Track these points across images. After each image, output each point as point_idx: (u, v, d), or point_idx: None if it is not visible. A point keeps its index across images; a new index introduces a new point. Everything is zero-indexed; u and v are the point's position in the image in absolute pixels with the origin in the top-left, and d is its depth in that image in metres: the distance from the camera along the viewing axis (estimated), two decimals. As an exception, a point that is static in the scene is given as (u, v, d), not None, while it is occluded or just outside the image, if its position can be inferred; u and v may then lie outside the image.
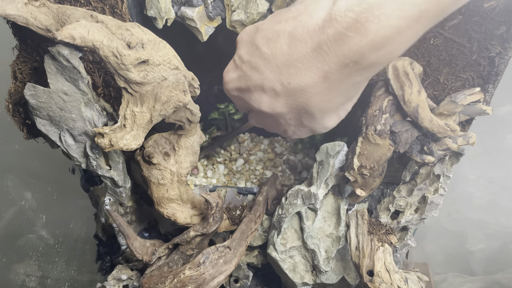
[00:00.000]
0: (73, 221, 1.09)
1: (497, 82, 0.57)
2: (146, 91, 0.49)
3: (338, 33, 0.37)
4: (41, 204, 1.07)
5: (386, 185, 0.70)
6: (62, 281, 1.01)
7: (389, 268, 0.61)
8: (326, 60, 0.39)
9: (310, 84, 0.42)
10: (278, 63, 0.42)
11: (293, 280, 0.71)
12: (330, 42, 0.38)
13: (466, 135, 0.59)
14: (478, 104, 0.57)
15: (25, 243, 1.04)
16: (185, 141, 0.59)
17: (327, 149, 0.64)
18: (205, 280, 0.57)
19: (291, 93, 0.43)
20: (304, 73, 0.41)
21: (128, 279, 0.69)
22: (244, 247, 0.64)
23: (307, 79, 0.41)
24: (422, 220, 0.70)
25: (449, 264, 1.07)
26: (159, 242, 0.64)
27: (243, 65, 0.46)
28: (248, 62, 0.45)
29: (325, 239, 0.69)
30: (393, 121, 0.56)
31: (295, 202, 0.67)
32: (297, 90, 0.43)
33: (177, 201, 0.62)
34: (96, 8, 0.53)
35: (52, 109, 0.53)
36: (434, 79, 0.58)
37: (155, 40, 0.49)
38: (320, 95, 0.43)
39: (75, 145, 0.58)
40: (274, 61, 0.43)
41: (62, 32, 0.44)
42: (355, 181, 0.60)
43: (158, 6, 0.57)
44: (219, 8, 0.59)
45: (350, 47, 0.37)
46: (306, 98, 0.43)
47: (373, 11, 0.36)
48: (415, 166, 0.66)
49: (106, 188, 0.66)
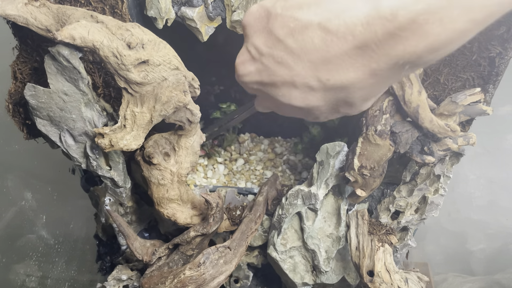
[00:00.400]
0: (73, 221, 1.09)
1: (497, 83, 0.57)
2: (146, 92, 0.49)
3: (389, 33, 0.34)
4: (41, 204, 1.07)
5: (386, 185, 0.70)
6: (62, 281, 1.01)
7: (389, 268, 0.61)
8: (374, 58, 0.36)
9: (353, 81, 0.39)
10: (312, 58, 0.39)
11: (293, 280, 0.71)
12: (379, 41, 0.35)
13: (466, 135, 0.59)
14: (478, 104, 0.57)
15: (25, 243, 1.04)
16: (185, 141, 0.59)
17: (327, 149, 0.64)
18: (205, 280, 0.57)
19: (330, 88, 0.40)
20: (346, 70, 0.38)
21: (128, 279, 0.69)
22: (244, 247, 0.64)
23: (350, 76, 0.38)
24: (422, 220, 0.70)
25: (449, 264, 1.07)
26: (159, 242, 0.64)
27: (263, 58, 0.42)
28: (270, 55, 0.41)
29: (325, 239, 0.69)
30: (393, 122, 0.56)
31: (295, 202, 0.67)
32: (338, 86, 0.40)
33: (177, 201, 0.62)
34: (96, 8, 0.53)
35: (52, 109, 0.53)
36: (434, 80, 0.58)
37: (155, 40, 0.49)
38: (365, 89, 0.40)
39: (75, 146, 0.58)
40: (306, 57, 0.39)
41: (62, 32, 0.44)
42: (355, 181, 0.60)
43: (158, 6, 0.57)
44: (219, 8, 0.59)
45: (405, 48, 0.34)
46: (348, 92, 0.41)
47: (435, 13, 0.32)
48: (415, 167, 0.66)
49: (106, 188, 0.66)
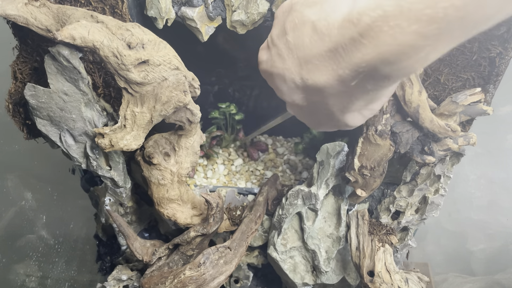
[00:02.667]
0: (73, 221, 1.08)
1: (497, 83, 0.57)
2: (146, 92, 0.49)
3: (352, 38, 0.34)
4: (41, 204, 1.07)
5: (386, 185, 0.70)
6: (62, 281, 1.01)
7: (390, 269, 0.61)
8: (341, 64, 0.36)
9: (325, 84, 0.39)
10: (299, 55, 0.39)
11: (294, 280, 0.71)
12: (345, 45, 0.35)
13: (466, 135, 0.59)
14: (478, 104, 0.57)
15: (25, 243, 1.03)
16: (185, 141, 0.59)
17: (328, 149, 0.64)
18: (206, 280, 0.57)
19: (308, 89, 0.41)
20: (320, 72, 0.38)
21: (128, 280, 0.69)
22: (245, 247, 0.64)
23: (322, 79, 0.38)
24: (422, 221, 0.70)
25: (449, 265, 1.07)
26: (159, 243, 0.64)
27: (273, 48, 0.43)
28: (276, 46, 0.42)
29: (325, 240, 0.69)
30: (393, 122, 0.56)
31: (295, 202, 0.67)
32: (313, 88, 0.40)
33: (178, 201, 0.62)
34: (96, 8, 0.53)
35: (52, 109, 0.53)
36: (434, 79, 0.58)
37: (155, 40, 0.49)
38: (336, 96, 0.40)
39: (75, 145, 0.58)
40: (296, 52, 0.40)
41: (63, 32, 0.44)
42: (356, 181, 0.60)
43: (159, 6, 0.57)
44: (220, 8, 0.59)
45: (363, 56, 0.34)
46: (322, 97, 0.41)
47: (387, 21, 0.31)
48: (416, 167, 0.66)
49: (106, 188, 0.66)
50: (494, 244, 1.05)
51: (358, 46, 0.33)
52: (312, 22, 0.38)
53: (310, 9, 0.39)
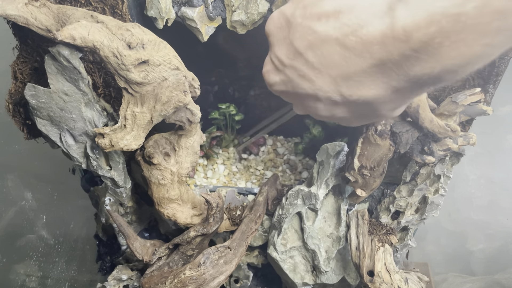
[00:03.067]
0: (73, 221, 1.09)
1: (497, 83, 0.57)
2: (146, 92, 0.49)
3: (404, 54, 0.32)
4: (41, 204, 1.07)
5: (386, 185, 0.70)
6: (62, 281, 1.01)
7: (390, 268, 0.61)
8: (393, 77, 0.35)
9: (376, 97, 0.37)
10: (332, 73, 0.38)
11: (294, 280, 0.71)
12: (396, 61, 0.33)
13: (466, 135, 0.59)
14: (478, 104, 0.57)
15: (25, 243, 1.04)
16: (185, 141, 0.59)
17: (328, 149, 0.64)
18: (206, 280, 0.57)
19: (353, 103, 0.39)
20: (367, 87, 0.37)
21: (128, 279, 0.69)
22: (245, 247, 0.64)
23: (372, 93, 0.37)
24: (422, 220, 0.70)
25: (449, 264, 1.07)
26: (160, 242, 0.64)
27: (286, 69, 0.41)
28: (292, 67, 0.40)
29: (325, 239, 0.69)
30: (393, 122, 0.56)
31: (295, 202, 0.67)
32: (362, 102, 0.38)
33: (178, 201, 0.62)
34: (97, 8, 0.53)
35: (53, 109, 0.53)
36: (434, 80, 0.58)
37: (155, 40, 0.49)
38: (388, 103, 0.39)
39: (76, 145, 0.58)
40: (327, 71, 0.38)
41: (63, 33, 0.44)
42: (356, 181, 0.60)
43: (159, 7, 0.57)
44: (220, 8, 0.59)
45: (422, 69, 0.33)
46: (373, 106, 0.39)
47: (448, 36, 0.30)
48: (416, 167, 0.66)
49: (107, 188, 0.66)
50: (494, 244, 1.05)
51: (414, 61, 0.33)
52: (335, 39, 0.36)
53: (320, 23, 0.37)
